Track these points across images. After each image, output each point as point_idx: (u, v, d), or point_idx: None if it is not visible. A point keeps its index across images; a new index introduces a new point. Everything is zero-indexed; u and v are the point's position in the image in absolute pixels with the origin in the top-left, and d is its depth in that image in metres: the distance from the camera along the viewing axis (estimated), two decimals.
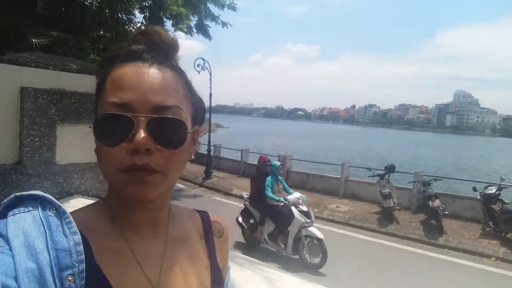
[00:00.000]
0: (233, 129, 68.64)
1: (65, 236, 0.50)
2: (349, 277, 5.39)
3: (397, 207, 8.40)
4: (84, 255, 0.50)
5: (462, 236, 7.33)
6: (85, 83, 1.69)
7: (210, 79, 11.70)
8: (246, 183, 11.69)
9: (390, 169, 9.08)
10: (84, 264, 0.50)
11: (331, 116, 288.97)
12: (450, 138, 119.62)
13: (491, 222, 7.46)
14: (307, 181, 11.28)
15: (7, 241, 0.48)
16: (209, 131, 12.96)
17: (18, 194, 0.53)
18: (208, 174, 12.09)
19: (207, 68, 11.55)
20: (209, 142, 12.65)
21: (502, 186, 7.73)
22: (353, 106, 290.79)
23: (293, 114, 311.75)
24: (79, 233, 0.52)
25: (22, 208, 0.51)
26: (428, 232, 7.55)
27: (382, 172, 9.12)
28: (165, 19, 9.47)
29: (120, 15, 8.72)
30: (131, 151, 0.53)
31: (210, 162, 12.39)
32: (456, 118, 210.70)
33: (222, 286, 0.72)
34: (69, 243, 0.50)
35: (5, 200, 0.53)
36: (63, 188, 1.75)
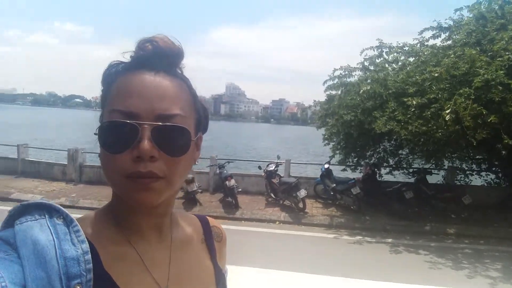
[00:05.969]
0: None
1: (73, 244, 0.50)
2: None
3: (199, 190, 9.09)
4: (92, 264, 0.51)
5: (253, 208, 8.66)
6: None
7: None
8: (28, 184, 9.88)
9: None
10: (92, 273, 0.51)
11: None
12: (226, 125, 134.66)
13: (272, 194, 9.14)
14: (102, 176, 10.52)
15: (16, 249, 0.47)
16: None
17: (24, 203, 0.52)
18: None
19: None
20: None
21: (279, 163, 9.57)
22: None
23: (70, 102, 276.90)
24: (87, 242, 0.52)
25: (29, 217, 0.51)
26: (226, 208, 8.55)
27: None
28: None
29: None
30: (135, 158, 0.53)
31: None
32: (228, 107, 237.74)
33: None
34: (77, 251, 0.50)
35: (11, 210, 0.52)
36: None
